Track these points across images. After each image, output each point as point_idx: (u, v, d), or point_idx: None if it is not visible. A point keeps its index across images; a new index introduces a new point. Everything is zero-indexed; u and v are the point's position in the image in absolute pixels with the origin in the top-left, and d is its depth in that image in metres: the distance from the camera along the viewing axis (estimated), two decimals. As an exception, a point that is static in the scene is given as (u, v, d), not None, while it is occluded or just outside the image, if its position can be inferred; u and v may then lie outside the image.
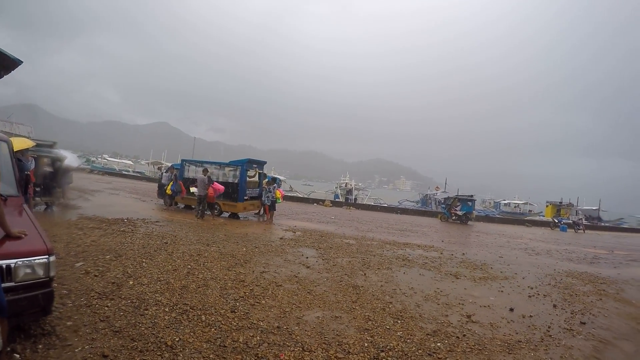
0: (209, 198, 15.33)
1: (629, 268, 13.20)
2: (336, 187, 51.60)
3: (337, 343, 4.61)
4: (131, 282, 5.98)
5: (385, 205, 41.98)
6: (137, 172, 53.96)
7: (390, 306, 6.28)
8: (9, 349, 3.49)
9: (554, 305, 7.30)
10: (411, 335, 5.09)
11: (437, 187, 54.84)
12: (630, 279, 10.90)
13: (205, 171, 15.42)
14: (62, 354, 3.69)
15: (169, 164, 22.18)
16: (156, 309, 5.00)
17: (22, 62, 8.90)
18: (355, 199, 44.57)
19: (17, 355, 3.50)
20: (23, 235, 3.62)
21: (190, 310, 5.11)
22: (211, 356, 3.98)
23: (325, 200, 36.49)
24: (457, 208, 29.01)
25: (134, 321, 4.56)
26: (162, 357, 3.83)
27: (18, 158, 8.17)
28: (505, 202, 60.11)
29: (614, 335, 6.00)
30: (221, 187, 15.77)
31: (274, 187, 17.07)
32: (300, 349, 4.36)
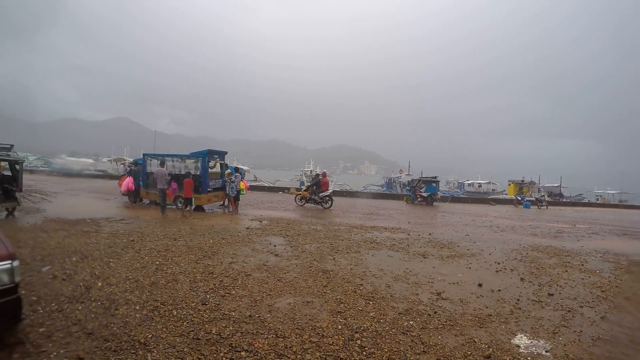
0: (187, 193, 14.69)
1: (591, 240, 13.83)
2: (301, 175, 51.31)
3: (310, 327, 4.63)
4: (100, 284, 5.86)
5: (351, 190, 42.10)
6: (99, 170, 51.61)
7: (361, 288, 6.34)
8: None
9: (522, 279, 7.54)
10: (384, 315, 5.16)
11: (400, 171, 55.46)
12: (592, 250, 11.43)
13: (162, 163, 15.09)
14: (38, 362, 3.60)
15: (131, 159, 21.57)
16: (127, 308, 4.94)
17: None
18: (321, 185, 44.14)
19: None
20: None
21: (161, 306, 5.06)
22: (185, 349, 3.96)
23: (290, 188, 36.16)
24: (422, 190, 29.39)
25: (105, 322, 4.51)
26: (136, 355, 3.80)
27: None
28: (469, 182, 61.32)
29: (580, 304, 6.25)
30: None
31: (237, 176, 16.85)
32: (274, 335, 4.37)
